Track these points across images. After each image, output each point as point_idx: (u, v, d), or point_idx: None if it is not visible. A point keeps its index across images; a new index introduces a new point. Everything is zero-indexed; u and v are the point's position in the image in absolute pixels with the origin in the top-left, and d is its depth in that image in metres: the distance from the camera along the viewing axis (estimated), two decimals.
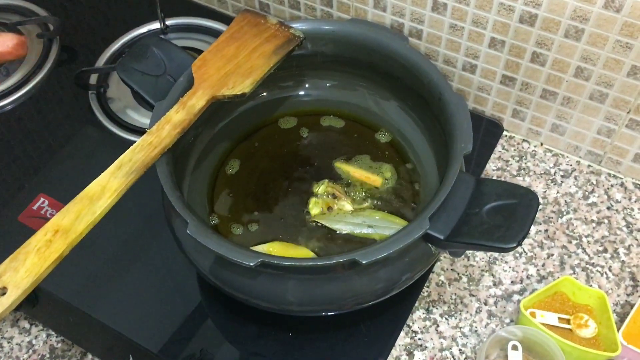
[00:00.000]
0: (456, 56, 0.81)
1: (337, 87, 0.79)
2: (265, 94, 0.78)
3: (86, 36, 0.98)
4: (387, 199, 0.72)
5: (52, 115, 0.89)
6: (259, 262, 0.54)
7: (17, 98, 0.90)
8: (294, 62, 0.75)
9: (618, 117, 0.76)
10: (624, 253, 0.75)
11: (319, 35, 0.72)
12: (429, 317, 0.71)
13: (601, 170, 0.82)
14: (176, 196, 0.59)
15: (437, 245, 0.59)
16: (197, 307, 0.72)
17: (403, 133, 0.76)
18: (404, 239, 0.55)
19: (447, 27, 0.78)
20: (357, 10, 0.84)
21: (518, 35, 0.74)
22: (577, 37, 0.70)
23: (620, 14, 0.66)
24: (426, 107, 0.70)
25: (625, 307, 0.71)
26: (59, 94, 0.91)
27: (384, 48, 0.70)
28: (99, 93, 0.90)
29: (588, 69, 0.73)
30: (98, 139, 0.86)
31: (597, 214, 0.78)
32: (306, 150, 0.77)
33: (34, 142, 0.87)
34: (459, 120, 0.62)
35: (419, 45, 0.82)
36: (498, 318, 0.71)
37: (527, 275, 0.74)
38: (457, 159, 0.59)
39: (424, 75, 0.67)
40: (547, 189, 0.80)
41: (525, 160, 0.83)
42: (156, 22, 0.96)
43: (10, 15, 0.99)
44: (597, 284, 0.73)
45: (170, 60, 0.70)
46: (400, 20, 0.81)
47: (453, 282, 0.73)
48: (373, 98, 0.78)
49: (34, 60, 0.93)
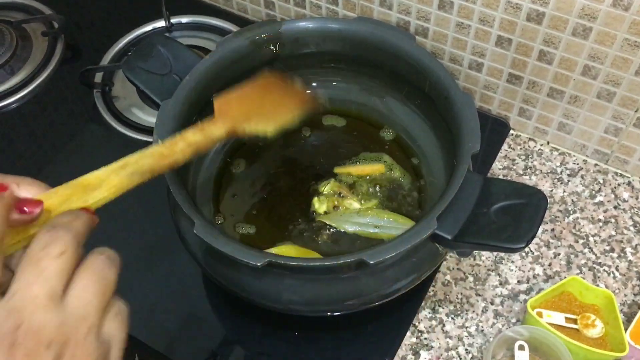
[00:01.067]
0: (462, 54, 0.81)
1: (343, 85, 0.79)
2: None
3: (91, 34, 0.98)
4: (392, 195, 0.72)
5: (57, 113, 0.89)
6: (265, 262, 0.54)
7: (22, 96, 0.90)
8: (300, 61, 0.74)
9: (625, 116, 0.75)
10: (631, 253, 0.75)
11: (325, 33, 0.72)
12: (435, 316, 0.71)
13: (608, 169, 0.82)
14: (183, 196, 0.59)
15: (445, 245, 0.59)
16: (203, 307, 0.72)
17: (408, 130, 0.76)
18: (412, 239, 0.55)
19: (453, 25, 0.78)
20: (362, 8, 0.83)
21: (525, 34, 0.74)
22: (585, 36, 0.70)
23: (629, 12, 0.65)
24: (433, 106, 0.69)
25: (632, 307, 0.71)
26: (64, 92, 0.91)
27: (390, 47, 0.70)
28: (103, 91, 0.90)
29: (596, 68, 0.72)
30: (103, 137, 0.86)
31: (604, 213, 0.78)
32: (311, 149, 0.76)
33: (39, 140, 0.86)
34: (467, 120, 0.62)
35: (425, 44, 0.82)
36: (504, 318, 0.71)
37: (534, 274, 0.73)
38: (464, 158, 0.58)
39: (430, 74, 0.67)
40: (554, 188, 0.80)
41: (531, 159, 0.83)
42: (161, 20, 0.96)
43: (15, 14, 0.99)
44: (604, 283, 0.73)
45: (176, 59, 0.69)
46: (407, 18, 0.81)
47: (459, 282, 0.73)
48: (379, 96, 0.77)
49: (39, 58, 0.93)
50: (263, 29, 0.71)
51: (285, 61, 0.74)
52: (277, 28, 0.71)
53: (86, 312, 0.33)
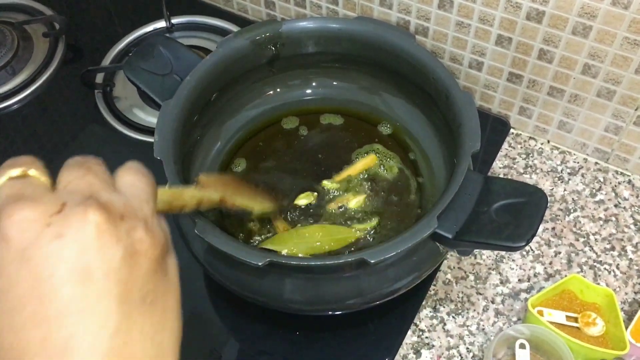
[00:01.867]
0: (463, 53, 0.81)
1: (343, 85, 0.79)
2: (271, 93, 0.78)
3: (92, 35, 0.98)
4: (388, 189, 0.72)
5: (58, 114, 0.89)
6: (267, 261, 0.54)
7: (23, 97, 0.90)
8: (301, 60, 0.75)
9: (626, 115, 0.75)
10: (631, 251, 0.75)
11: (325, 33, 0.72)
12: (436, 315, 0.71)
13: (608, 167, 0.82)
14: None
15: (446, 244, 0.59)
16: (204, 306, 0.72)
17: (407, 127, 0.76)
18: (413, 238, 0.55)
19: (453, 25, 0.78)
20: (363, 7, 0.84)
21: (525, 33, 0.74)
22: (585, 34, 0.70)
23: (629, 10, 0.65)
24: (433, 104, 0.69)
25: (633, 305, 0.71)
26: (65, 93, 0.92)
27: (390, 46, 0.70)
28: (105, 92, 0.90)
29: (596, 66, 0.72)
30: (104, 137, 0.86)
31: (604, 211, 0.78)
32: (310, 148, 0.76)
33: (41, 141, 0.87)
34: (467, 119, 0.62)
35: (425, 43, 0.82)
36: (505, 316, 0.71)
37: (535, 273, 0.74)
38: (465, 157, 0.59)
39: (431, 73, 0.67)
40: (554, 187, 0.80)
41: (532, 157, 0.83)
42: (162, 20, 0.96)
43: (17, 14, 0.99)
44: (604, 282, 0.73)
45: (177, 59, 0.70)
46: (407, 17, 0.81)
47: (460, 281, 0.73)
48: (379, 95, 0.78)
49: (40, 59, 0.94)
50: (263, 29, 0.71)
51: (285, 61, 0.74)
52: (278, 28, 0.71)
53: (145, 197, 0.34)
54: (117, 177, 0.34)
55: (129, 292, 0.30)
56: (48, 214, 0.29)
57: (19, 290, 0.29)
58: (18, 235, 0.29)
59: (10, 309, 0.29)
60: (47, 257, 0.29)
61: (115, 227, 0.30)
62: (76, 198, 0.31)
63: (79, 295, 0.29)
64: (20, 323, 0.29)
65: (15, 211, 0.29)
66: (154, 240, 0.32)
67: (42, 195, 0.31)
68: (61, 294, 0.29)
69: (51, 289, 0.29)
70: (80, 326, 0.29)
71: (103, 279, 0.29)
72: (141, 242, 0.31)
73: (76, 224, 0.29)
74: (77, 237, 0.29)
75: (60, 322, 0.28)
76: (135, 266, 0.31)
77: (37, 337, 0.28)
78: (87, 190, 0.31)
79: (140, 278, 0.31)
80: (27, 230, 0.29)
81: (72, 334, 0.28)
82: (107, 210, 0.30)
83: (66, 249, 0.29)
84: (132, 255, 0.30)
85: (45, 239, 0.29)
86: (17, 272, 0.29)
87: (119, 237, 0.30)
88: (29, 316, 0.28)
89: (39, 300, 0.29)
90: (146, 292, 0.31)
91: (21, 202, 0.30)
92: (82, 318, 0.29)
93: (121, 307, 0.30)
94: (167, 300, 0.33)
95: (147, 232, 0.32)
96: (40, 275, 0.29)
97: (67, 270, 0.29)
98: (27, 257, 0.29)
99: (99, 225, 0.29)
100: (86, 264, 0.29)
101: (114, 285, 0.30)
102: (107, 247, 0.30)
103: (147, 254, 0.31)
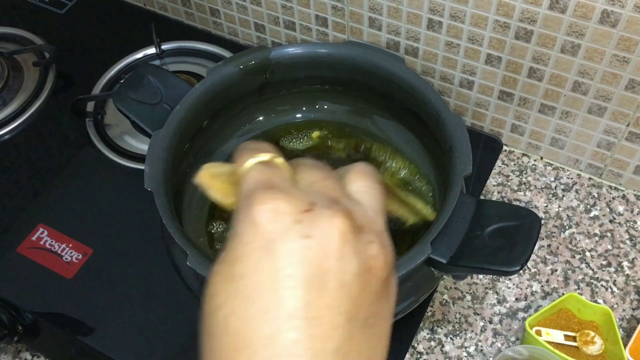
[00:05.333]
0: (453, 73, 0.81)
1: (334, 108, 0.78)
2: (261, 119, 0.78)
3: (82, 63, 0.98)
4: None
5: (50, 142, 0.89)
6: None
7: (14, 127, 0.90)
8: (291, 85, 0.74)
9: (617, 130, 0.75)
10: (628, 267, 0.74)
11: (314, 59, 0.72)
12: (433, 337, 0.70)
13: (602, 183, 0.82)
14: (175, 227, 0.58)
15: (440, 269, 0.59)
16: (199, 338, 0.71)
17: (400, 150, 0.75)
18: (407, 265, 0.55)
19: (443, 45, 0.78)
20: (352, 29, 0.84)
21: (514, 51, 0.74)
22: (574, 52, 0.70)
23: (617, 28, 0.66)
24: (425, 128, 0.69)
25: (631, 322, 0.70)
26: (57, 121, 0.91)
27: (380, 70, 0.70)
28: (96, 120, 0.89)
29: (586, 83, 0.72)
30: (96, 165, 0.86)
31: (599, 227, 0.78)
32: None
33: (32, 170, 0.86)
34: (458, 141, 0.62)
35: (415, 63, 0.82)
36: (503, 336, 0.70)
37: (532, 291, 0.73)
38: (456, 181, 0.58)
39: (421, 96, 0.67)
40: (549, 203, 0.80)
41: (525, 174, 0.83)
42: (152, 47, 0.96)
43: (6, 44, 0.99)
44: (602, 298, 0.72)
45: (167, 88, 0.69)
46: (396, 38, 0.81)
47: (457, 301, 0.73)
48: (370, 118, 0.77)
49: (31, 88, 0.93)
50: (253, 55, 0.71)
51: (275, 86, 0.74)
52: (267, 54, 0.71)
53: (379, 207, 0.32)
54: (348, 181, 0.33)
55: (357, 311, 0.29)
56: (299, 210, 0.29)
57: (257, 279, 0.28)
58: (268, 225, 0.28)
59: (245, 295, 0.28)
60: (292, 254, 0.28)
61: (356, 239, 0.29)
62: (324, 200, 0.29)
63: (311, 302, 0.28)
64: (251, 314, 0.28)
65: (269, 199, 0.28)
66: (387, 258, 0.30)
67: (291, 189, 0.30)
68: (295, 296, 0.27)
69: (287, 288, 0.27)
70: (306, 334, 0.27)
71: (335, 291, 0.28)
72: (375, 259, 0.30)
73: (324, 227, 0.28)
74: (323, 241, 0.28)
75: (289, 325, 0.27)
76: (366, 284, 0.29)
77: (264, 333, 0.27)
78: (333, 195, 0.30)
79: (368, 298, 0.29)
80: (277, 222, 0.28)
81: (297, 340, 0.27)
82: (351, 219, 0.29)
83: (311, 250, 0.28)
84: (365, 272, 0.29)
85: (294, 235, 0.28)
86: (259, 260, 0.28)
87: (358, 249, 0.29)
88: (261, 309, 0.27)
89: (273, 296, 0.27)
90: (370, 314, 0.30)
91: (274, 192, 0.29)
92: (309, 326, 0.27)
93: (347, 324, 0.28)
94: (384, 326, 0.31)
95: (381, 249, 0.30)
96: (282, 271, 0.28)
97: (307, 273, 0.28)
98: (273, 249, 0.28)
99: (343, 234, 0.28)
100: (325, 272, 0.28)
101: (344, 300, 0.28)
102: (346, 258, 0.28)
103: (378, 273, 0.30)
